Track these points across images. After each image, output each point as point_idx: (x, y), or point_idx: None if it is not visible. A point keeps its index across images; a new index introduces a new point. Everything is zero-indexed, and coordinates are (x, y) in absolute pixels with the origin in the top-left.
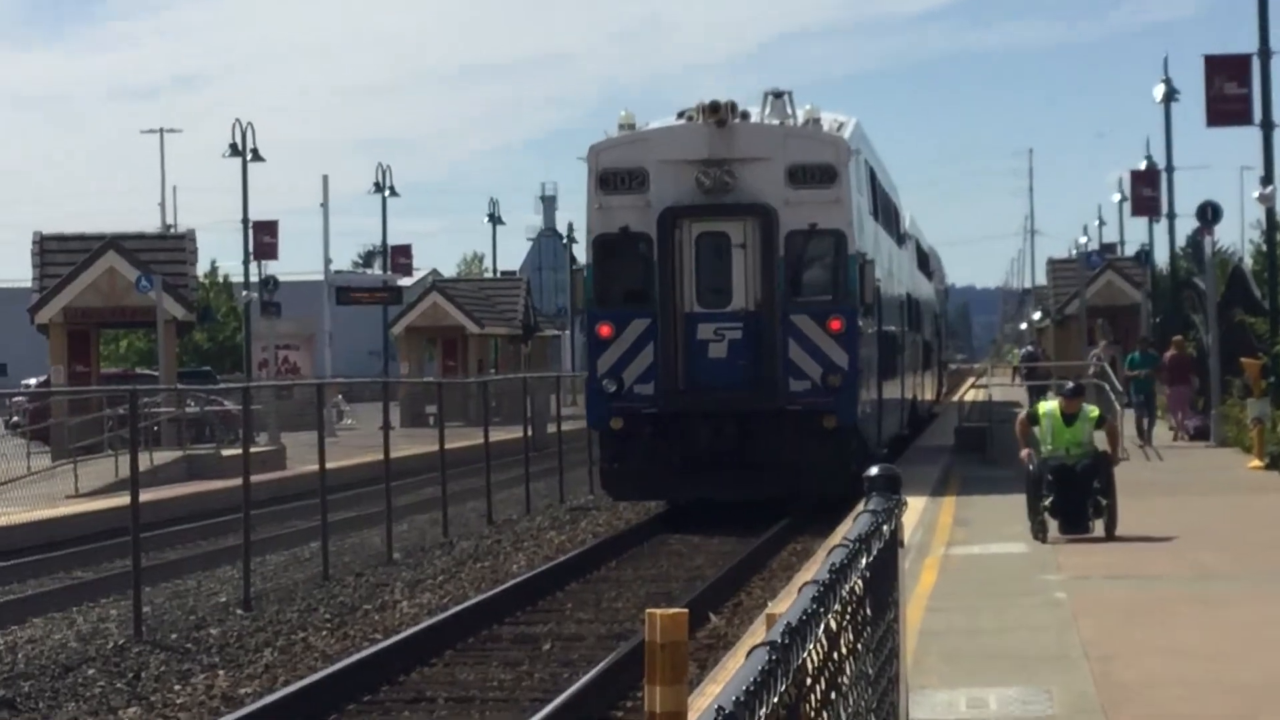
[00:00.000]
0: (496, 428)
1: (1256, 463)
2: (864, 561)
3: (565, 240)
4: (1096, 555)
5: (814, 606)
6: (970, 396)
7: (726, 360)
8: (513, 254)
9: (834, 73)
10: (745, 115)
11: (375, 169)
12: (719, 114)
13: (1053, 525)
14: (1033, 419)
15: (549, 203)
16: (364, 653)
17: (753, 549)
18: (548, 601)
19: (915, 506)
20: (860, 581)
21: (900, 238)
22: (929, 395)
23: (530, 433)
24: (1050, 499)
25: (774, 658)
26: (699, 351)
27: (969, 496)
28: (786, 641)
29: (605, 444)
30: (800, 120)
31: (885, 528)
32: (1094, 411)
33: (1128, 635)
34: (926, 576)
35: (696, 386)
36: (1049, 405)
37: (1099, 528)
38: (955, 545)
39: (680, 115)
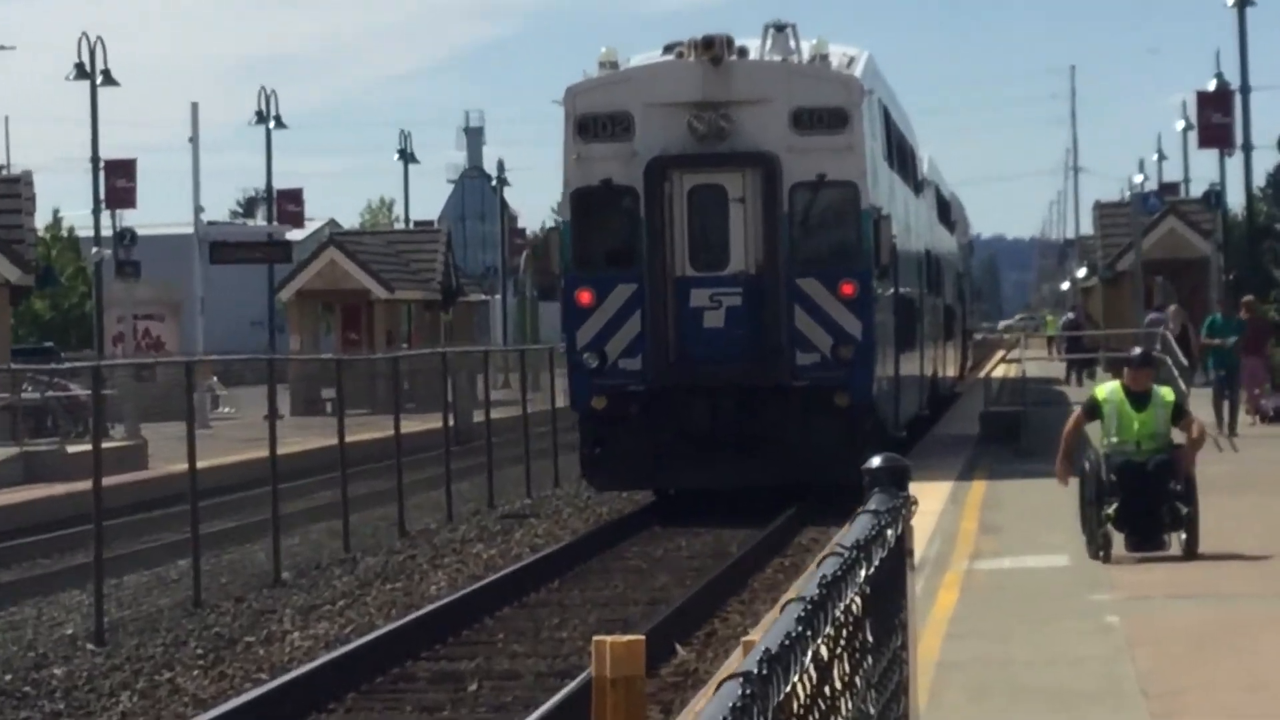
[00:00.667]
0: (410, 416)
1: None
2: (863, 574)
3: (495, 182)
4: (1158, 571)
5: (799, 629)
6: (999, 373)
7: (724, 330)
8: (430, 200)
9: None
10: (743, 52)
11: (257, 95)
12: (713, 50)
13: (1118, 539)
14: (1092, 412)
15: (474, 136)
16: (245, 696)
17: (730, 564)
18: (474, 631)
19: (932, 510)
20: (858, 599)
21: (918, 185)
22: (951, 371)
23: (452, 422)
24: (1114, 506)
25: (749, 692)
26: (692, 320)
27: (999, 497)
28: (764, 673)
29: (586, 426)
30: (806, 56)
31: (890, 532)
32: (1169, 394)
33: (1195, 668)
34: (946, 596)
35: (690, 360)
36: (1110, 386)
37: (1176, 543)
38: (982, 558)
39: (668, 50)
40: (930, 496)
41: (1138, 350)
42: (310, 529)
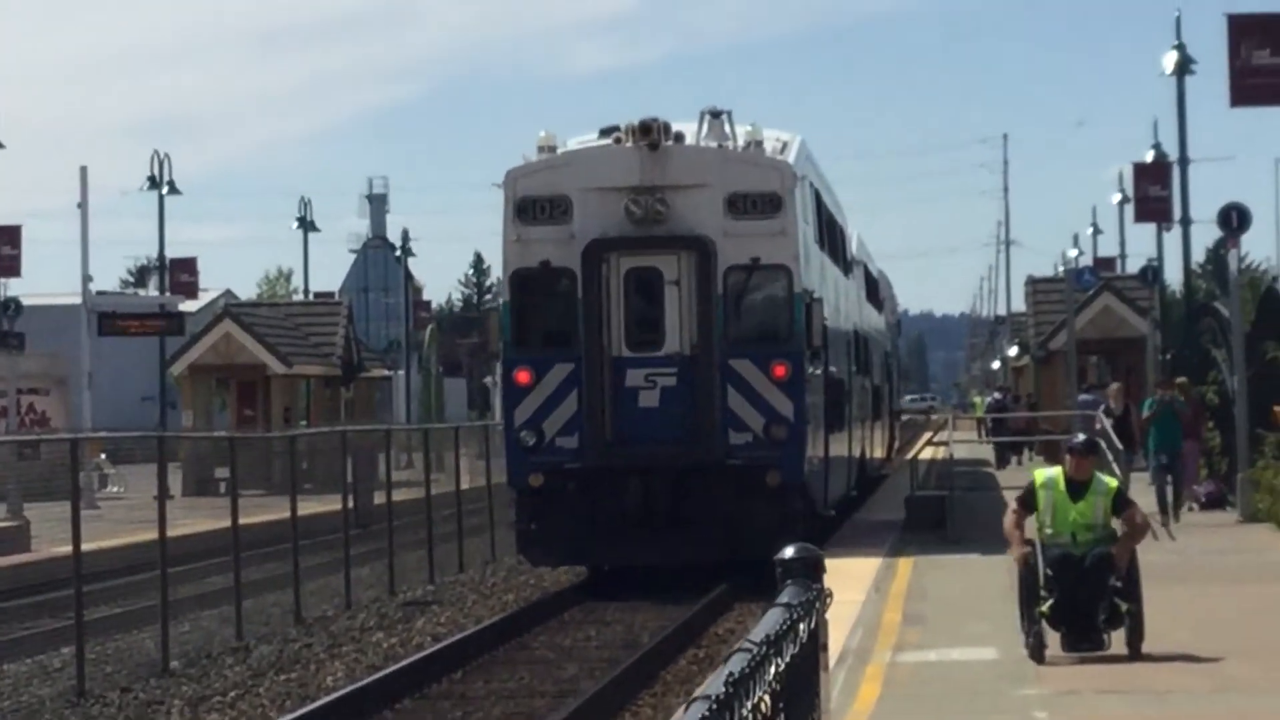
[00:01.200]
0: (308, 497)
1: None
2: (772, 671)
3: (399, 252)
4: (1087, 663)
5: None
6: (928, 454)
7: (659, 410)
8: (331, 270)
9: (751, 37)
10: (679, 137)
11: (150, 159)
12: (651, 135)
13: (1054, 638)
14: (1028, 501)
15: (377, 203)
16: None
17: (641, 654)
18: None
19: (855, 599)
20: (768, 697)
21: (847, 265)
22: (879, 451)
23: (352, 504)
24: (1050, 602)
25: None
26: (628, 400)
27: (923, 586)
28: None
29: (522, 503)
30: (741, 142)
31: (803, 626)
32: (1111, 483)
33: None
34: (868, 690)
35: (626, 439)
36: (1049, 473)
37: (1116, 641)
38: (905, 650)
39: (605, 133)
40: (853, 585)
41: (1080, 437)
42: (201, 615)
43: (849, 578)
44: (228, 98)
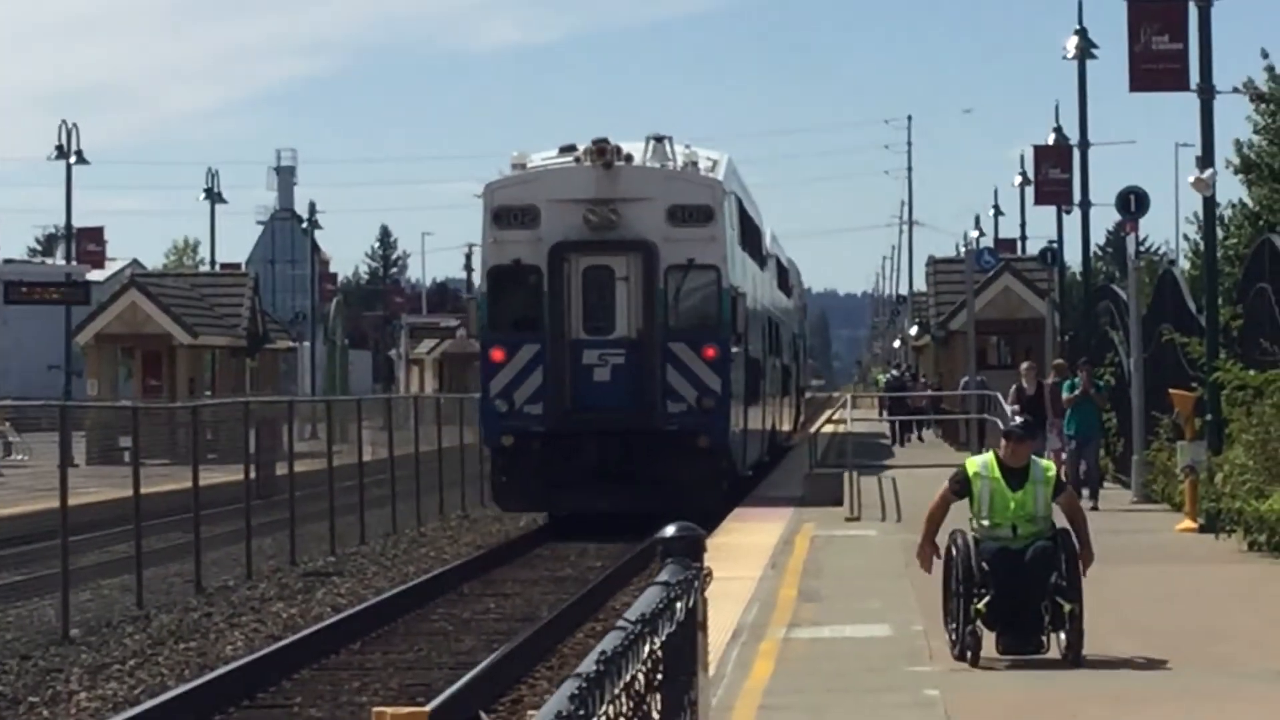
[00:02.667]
0: (212, 467)
1: (1188, 524)
2: (646, 649)
3: (306, 224)
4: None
5: (572, 708)
6: (829, 429)
7: (610, 383)
8: (239, 242)
9: (659, 14)
10: (629, 158)
11: (57, 129)
12: (605, 157)
13: (989, 639)
14: (960, 489)
15: (285, 176)
16: None
17: (539, 627)
18: (270, 695)
19: (751, 576)
20: (642, 675)
21: (763, 260)
22: (787, 425)
23: (254, 475)
24: (986, 600)
25: None
26: (584, 375)
27: (819, 563)
28: None
29: (496, 460)
30: (679, 163)
31: (680, 605)
32: (1050, 469)
33: None
34: (761, 666)
35: (582, 407)
36: (982, 460)
37: (1055, 643)
38: (800, 626)
39: (564, 151)
40: (750, 562)
41: (1018, 420)
42: (102, 584)
43: (746, 554)
44: (138, 69)
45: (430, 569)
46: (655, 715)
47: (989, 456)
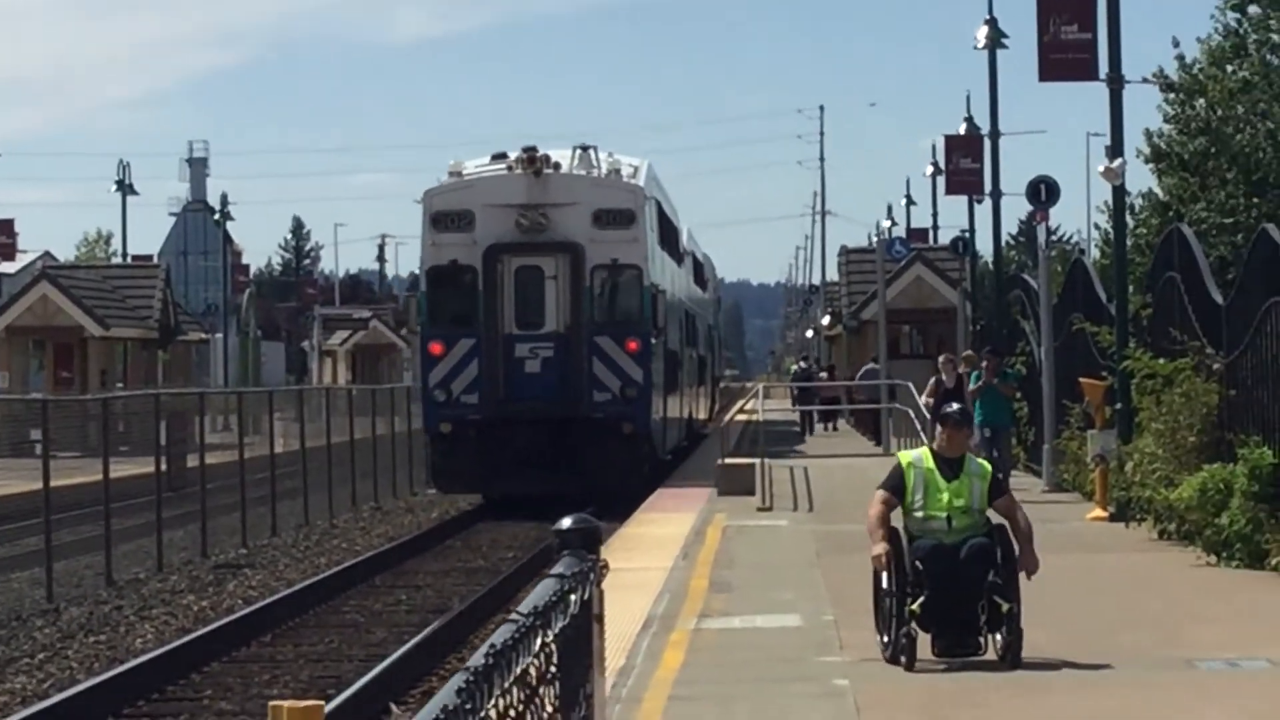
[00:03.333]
0: (123, 460)
1: (1098, 512)
2: (539, 642)
3: (218, 215)
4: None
5: (459, 701)
6: (741, 418)
7: (540, 375)
8: (152, 234)
9: (573, 6)
10: (557, 165)
11: None
12: (535, 165)
13: (923, 641)
14: (897, 486)
15: (198, 167)
16: None
17: (451, 618)
18: (180, 688)
19: (662, 566)
20: (533, 670)
21: (680, 257)
22: (703, 413)
23: (166, 467)
24: (920, 600)
25: None
26: (517, 367)
27: (731, 553)
28: None
29: (435, 445)
30: (603, 170)
31: (574, 597)
32: (986, 466)
33: None
34: (671, 656)
35: (514, 397)
36: (915, 452)
37: (990, 645)
38: (710, 616)
39: (497, 158)
40: (661, 552)
41: (954, 406)
42: (12, 577)
43: (658, 545)
44: (51, 61)
45: (342, 560)
46: (550, 708)
47: (923, 450)
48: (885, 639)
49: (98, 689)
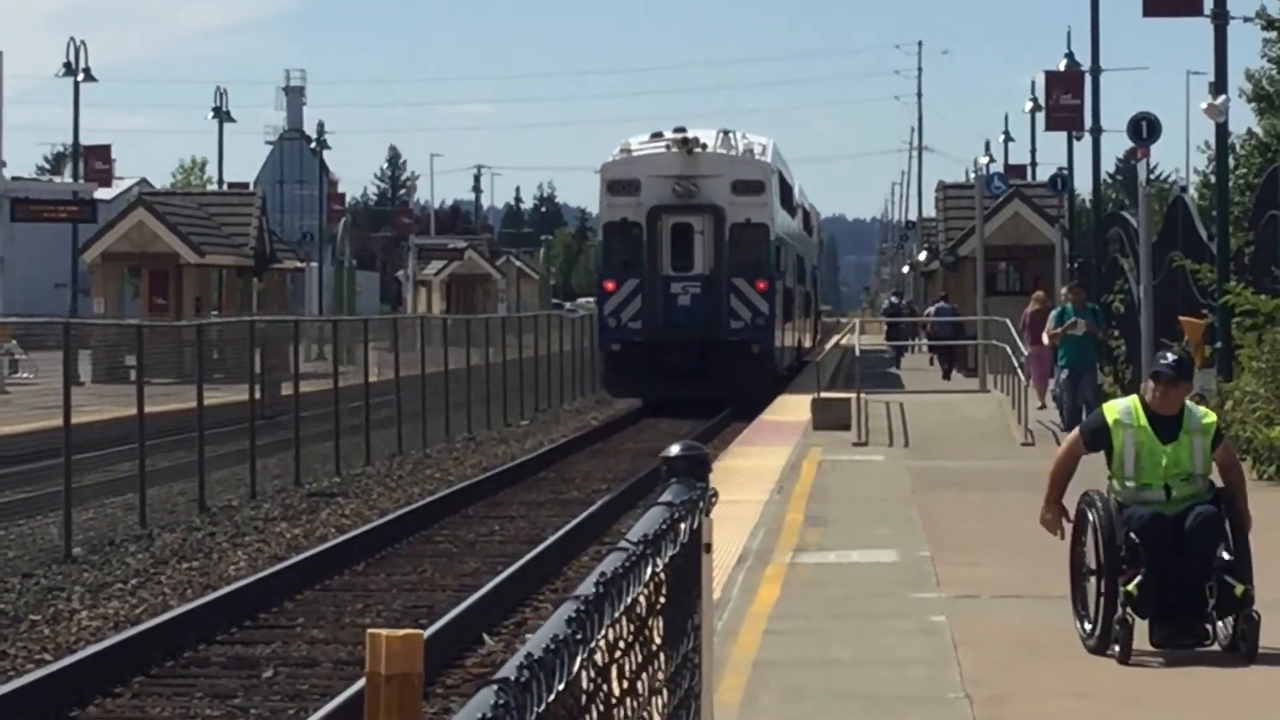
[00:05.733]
0: (217, 387)
1: None
2: (648, 571)
3: (314, 145)
4: (986, 568)
5: (569, 631)
6: (840, 348)
7: (689, 306)
8: (248, 162)
9: None
10: (704, 146)
11: (66, 46)
12: (688, 145)
13: (1140, 627)
14: (1096, 440)
15: (294, 96)
16: (26, 678)
17: (544, 548)
18: (273, 615)
19: (757, 499)
20: (643, 598)
21: (793, 210)
22: (809, 341)
23: (259, 395)
24: (1137, 580)
25: (504, 701)
26: (671, 300)
27: (826, 488)
28: (524, 679)
29: (607, 360)
30: (740, 149)
31: (684, 526)
32: (1208, 417)
33: (1023, 672)
34: (767, 590)
35: (669, 323)
36: (1124, 405)
37: (1218, 632)
38: (806, 551)
39: (655, 137)
40: (757, 486)
41: (1169, 356)
42: (105, 503)
43: (753, 478)
44: None
45: (435, 491)
46: (657, 639)
47: (1132, 401)
48: (1088, 626)
49: (191, 615)
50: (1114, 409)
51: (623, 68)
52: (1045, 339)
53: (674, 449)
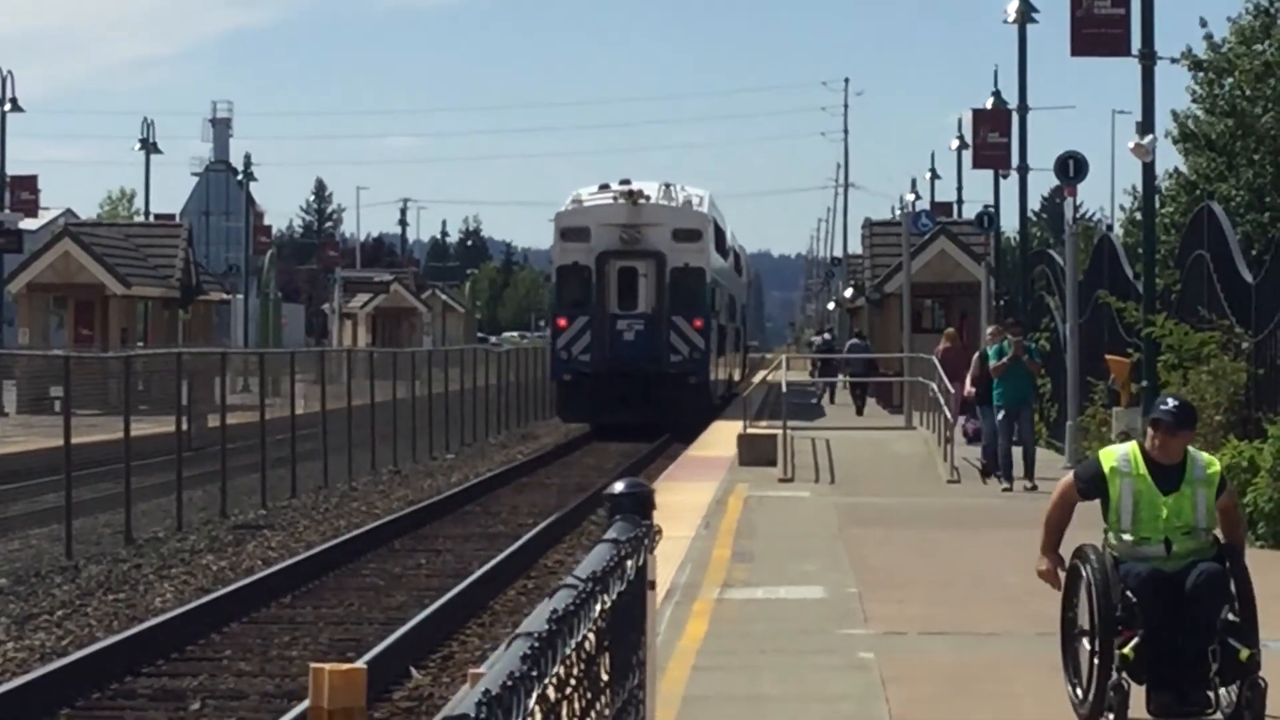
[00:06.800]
0: (143, 418)
1: None
2: (598, 608)
3: (241, 176)
4: (914, 605)
5: (524, 668)
6: (768, 382)
7: (634, 342)
8: (175, 193)
9: None
10: (648, 197)
11: None
12: (633, 197)
13: (1137, 693)
14: (1091, 488)
15: (221, 127)
16: None
17: (470, 583)
18: (200, 647)
19: (684, 535)
20: (592, 635)
21: (725, 253)
22: (738, 375)
23: (186, 426)
24: (1134, 643)
25: None
26: (617, 336)
27: (753, 523)
28: (484, 716)
29: (560, 389)
30: (680, 201)
31: (630, 563)
32: (1213, 465)
33: (950, 708)
34: (695, 626)
35: (615, 356)
36: (1122, 452)
37: (1220, 700)
38: (733, 586)
39: (602, 189)
40: (683, 521)
41: (1170, 401)
42: (31, 534)
43: (680, 513)
44: (77, 18)
45: (362, 523)
46: (604, 675)
47: (1132, 450)
48: (1079, 691)
49: (117, 647)
50: (1111, 455)
51: (549, 102)
52: (992, 371)
53: (619, 486)
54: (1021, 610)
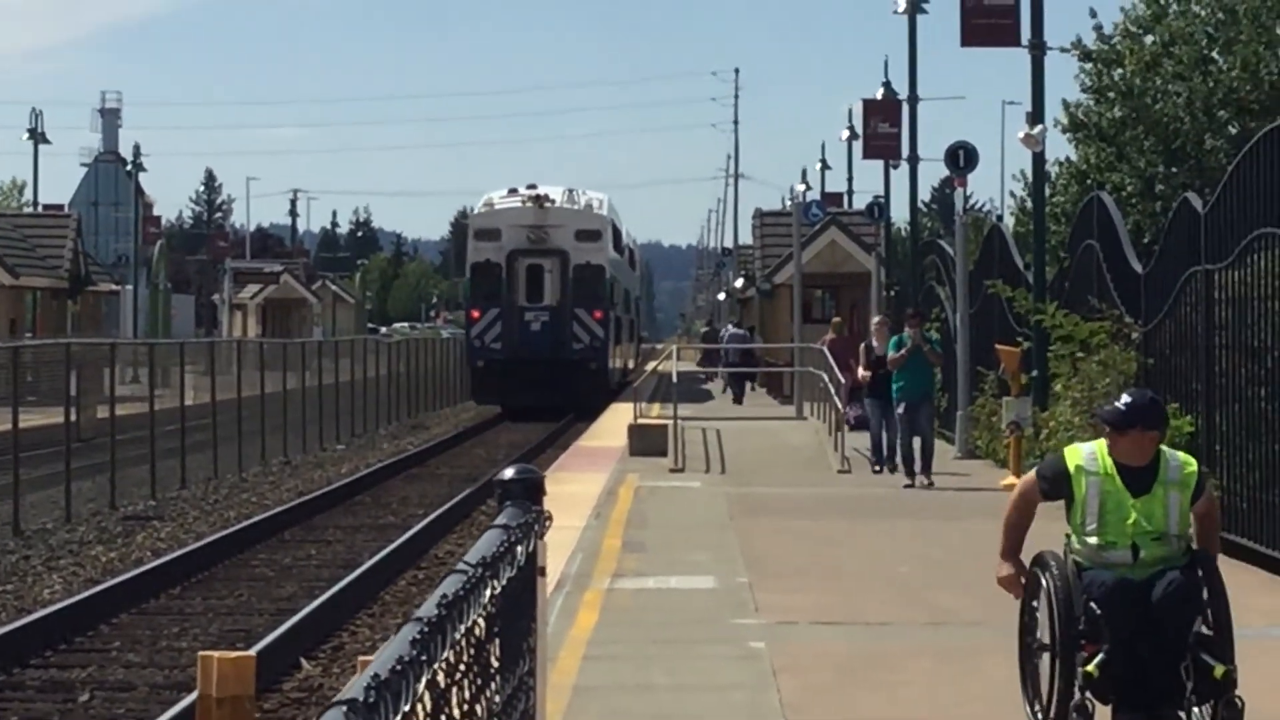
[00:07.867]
0: (32, 409)
1: (1012, 480)
2: (487, 594)
3: (130, 167)
4: (805, 594)
5: (414, 653)
6: (658, 371)
7: (540, 331)
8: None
9: None
10: (553, 201)
11: None
12: (540, 201)
13: (1103, 714)
14: (1053, 488)
15: (110, 117)
16: None
17: (360, 574)
18: (89, 639)
19: (575, 525)
20: (482, 620)
21: (621, 250)
22: (632, 363)
23: (75, 417)
24: (1098, 659)
25: None
26: (525, 326)
27: (644, 513)
28: (372, 700)
29: (475, 375)
30: (582, 204)
31: (520, 549)
32: (1190, 465)
33: (841, 697)
34: (586, 616)
35: (523, 345)
36: (1088, 451)
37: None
38: (624, 577)
39: (511, 192)
40: (574, 511)
41: (1126, 397)
42: None
43: (571, 503)
44: None
45: (251, 515)
46: (494, 662)
47: (1099, 448)
48: (1038, 711)
49: (5, 639)
50: (1077, 453)
51: (440, 93)
52: (889, 365)
53: (508, 472)
54: (913, 600)
